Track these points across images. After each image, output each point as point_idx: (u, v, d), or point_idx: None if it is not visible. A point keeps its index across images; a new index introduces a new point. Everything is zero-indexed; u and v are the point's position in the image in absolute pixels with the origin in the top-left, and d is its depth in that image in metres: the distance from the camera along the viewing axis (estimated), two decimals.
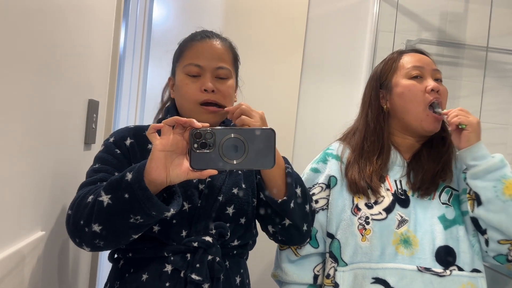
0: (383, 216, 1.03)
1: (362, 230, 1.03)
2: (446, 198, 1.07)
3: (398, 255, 1.01)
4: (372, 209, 1.04)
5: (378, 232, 1.02)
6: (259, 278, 1.85)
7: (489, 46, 1.99)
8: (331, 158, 1.15)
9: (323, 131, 1.95)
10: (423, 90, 1.07)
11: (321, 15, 1.96)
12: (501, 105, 2.08)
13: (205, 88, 0.93)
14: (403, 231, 1.02)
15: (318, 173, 1.14)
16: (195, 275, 0.87)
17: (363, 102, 1.19)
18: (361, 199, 1.06)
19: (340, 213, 1.07)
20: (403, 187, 1.08)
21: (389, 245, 1.01)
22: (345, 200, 1.08)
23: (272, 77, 1.92)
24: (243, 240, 0.98)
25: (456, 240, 1.02)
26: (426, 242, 1.02)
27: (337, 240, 1.06)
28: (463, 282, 1.00)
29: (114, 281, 0.94)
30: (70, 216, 0.82)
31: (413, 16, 2.04)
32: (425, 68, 1.09)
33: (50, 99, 0.88)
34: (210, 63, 0.95)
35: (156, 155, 0.72)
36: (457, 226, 1.04)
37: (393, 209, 1.04)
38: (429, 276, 0.99)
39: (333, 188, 1.10)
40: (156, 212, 0.75)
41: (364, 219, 1.04)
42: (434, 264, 1.00)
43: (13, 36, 0.69)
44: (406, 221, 1.03)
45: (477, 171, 0.99)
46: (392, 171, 1.10)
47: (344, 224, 1.05)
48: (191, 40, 0.99)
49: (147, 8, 1.90)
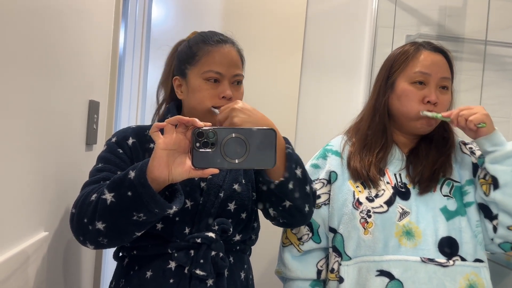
0: (384, 209, 1.04)
1: (364, 223, 1.04)
2: (448, 190, 1.08)
3: (401, 246, 1.02)
4: (373, 202, 1.05)
5: (380, 224, 1.03)
6: (262, 274, 1.85)
7: (488, 40, 1.99)
8: (331, 154, 1.15)
9: (324, 128, 1.95)
10: (420, 99, 1.06)
11: (320, 12, 1.97)
12: (501, 99, 2.08)
13: (224, 95, 0.95)
14: (405, 223, 1.03)
15: (318, 169, 1.15)
16: (199, 270, 0.88)
17: (373, 88, 1.17)
18: (362, 193, 1.07)
19: (341, 207, 1.08)
20: (403, 180, 1.09)
21: (391, 237, 1.02)
22: (346, 194, 1.08)
23: (272, 76, 1.92)
24: (245, 235, 0.99)
25: (458, 230, 1.04)
26: (429, 233, 1.02)
27: (339, 235, 1.07)
28: (467, 272, 1.01)
29: (120, 279, 0.95)
30: (74, 215, 0.83)
31: (412, 11, 2.04)
32: (432, 76, 1.06)
33: (51, 100, 0.88)
34: (229, 70, 0.96)
35: (158, 154, 0.73)
36: (459, 217, 1.05)
37: (393, 201, 1.05)
38: (433, 266, 1.00)
39: (333, 183, 1.11)
40: (159, 209, 0.75)
41: (365, 213, 1.05)
42: (437, 254, 1.01)
43: (14, 38, 0.69)
44: (408, 213, 1.04)
45: (497, 155, 1.00)
46: (391, 165, 1.11)
47: (346, 218, 1.06)
48: (205, 43, 0.98)
49: (146, 8, 1.91)
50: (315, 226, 1.11)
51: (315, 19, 1.96)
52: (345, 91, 1.98)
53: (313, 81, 1.96)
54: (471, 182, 1.09)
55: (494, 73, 2.07)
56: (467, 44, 2.07)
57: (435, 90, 1.06)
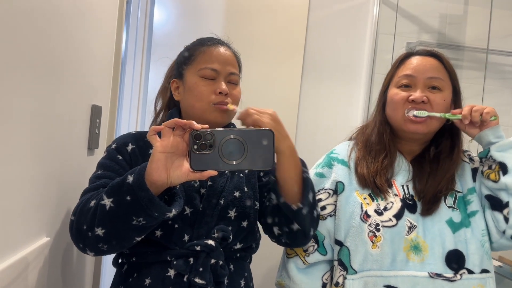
0: (394, 222, 1.02)
1: (373, 237, 1.01)
2: (451, 201, 1.07)
3: (409, 262, 1.00)
4: (382, 215, 1.03)
5: (389, 239, 1.01)
6: (262, 282, 1.85)
7: (489, 48, 2.00)
8: (337, 163, 1.12)
9: (324, 133, 1.96)
10: (406, 98, 1.05)
11: (321, 18, 1.97)
12: (502, 107, 2.07)
13: (220, 90, 0.95)
14: (413, 237, 1.02)
15: (324, 178, 1.12)
16: (199, 279, 0.87)
17: (378, 97, 1.18)
18: (370, 206, 1.04)
19: (348, 219, 1.04)
20: (410, 191, 1.07)
21: (400, 252, 1.01)
22: (353, 206, 1.05)
23: (273, 80, 1.93)
24: (246, 243, 0.98)
25: (464, 242, 1.03)
26: (436, 246, 1.02)
27: (346, 248, 1.04)
28: (473, 284, 1.00)
29: (118, 285, 0.95)
30: (73, 222, 0.83)
31: (413, 19, 2.05)
32: (417, 77, 1.06)
33: (54, 105, 0.89)
34: (224, 67, 0.98)
35: (156, 157, 0.73)
36: (464, 228, 1.04)
37: (402, 215, 1.03)
38: (441, 281, 0.99)
39: (340, 194, 1.08)
40: (158, 213, 0.75)
41: (374, 226, 1.02)
42: (444, 269, 1.01)
43: (17, 43, 0.69)
44: (415, 227, 1.03)
45: (502, 144, 1.04)
46: (398, 176, 1.09)
47: (354, 231, 1.03)
48: (201, 44, 1.01)
49: (148, 13, 1.91)
50: (321, 238, 1.08)
51: (316, 24, 1.97)
52: (345, 96, 1.98)
53: (313, 86, 1.97)
54: (473, 190, 1.09)
55: (495, 81, 2.08)
56: (468, 52, 2.08)
57: (422, 90, 1.05)
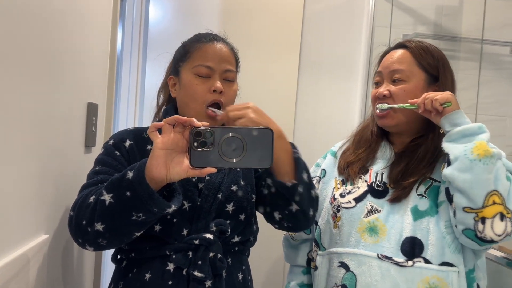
0: (352, 204, 1.09)
1: (334, 217, 1.11)
2: (423, 189, 1.06)
3: (361, 241, 1.05)
4: (344, 198, 1.11)
5: (346, 219, 1.08)
6: (261, 275, 1.86)
7: (484, 39, 2.00)
8: (329, 154, 1.26)
9: (322, 128, 1.96)
10: (375, 95, 1.14)
11: (317, 12, 1.97)
12: (498, 97, 2.09)
13: (214, 88, 0.95)
14: (371, 220, 1.06)
15: (318, 168, 1.26)
16: (198, 272, 0.89)
17: None
18: (339, 190, 1.14)
19: (322, 202, 1.16)
20: (384, 179, 1.10)
21: (354, 232, 1.06)
22: (328, 191, 1.18)
23: (270, 76, 1.93)
24: (244, 237, 0.99)
25: (425, 231, 1.01)
26: (394, 232, 1.03)
27: (318, 227, 1.16)
28: (427, 275, 0.98)
29: (118, 281, 0.95)
30: (72, 217, 0.83)
31: (409, 11, 2.05)
32: (383, 73, 1.14)
33: (50, 103, 0.89)
34: (219, 65, 0.97)
35: (157, 153, 0.74)
36: (428, 217, 1.02)
37: (363, 198, 1.09)
38: (388, 264, 1.00)
39: (321, 179, 1.21)
40: (158, 208, 0.76)
41: (336, 207, 1.11)
42: (397, 254, 1.01)
43: (12, 41, 0.70)
44: (378, 211, 1.06)
45: (452, 133, 0.99)
46: (377, 164, 1.13)
47: (324, 212, 1.15)
48: (197, 41, 1.00)
49: (143, 10, 1.91)
50: None
51: (312, 18, 1.97)
52: (343, 91, 1.98)
53: (310, 81, 1.97)
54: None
55: (490, 71, 2.08)
56: (464, 43, 2.08)
57: (386, 85, 1.12)
